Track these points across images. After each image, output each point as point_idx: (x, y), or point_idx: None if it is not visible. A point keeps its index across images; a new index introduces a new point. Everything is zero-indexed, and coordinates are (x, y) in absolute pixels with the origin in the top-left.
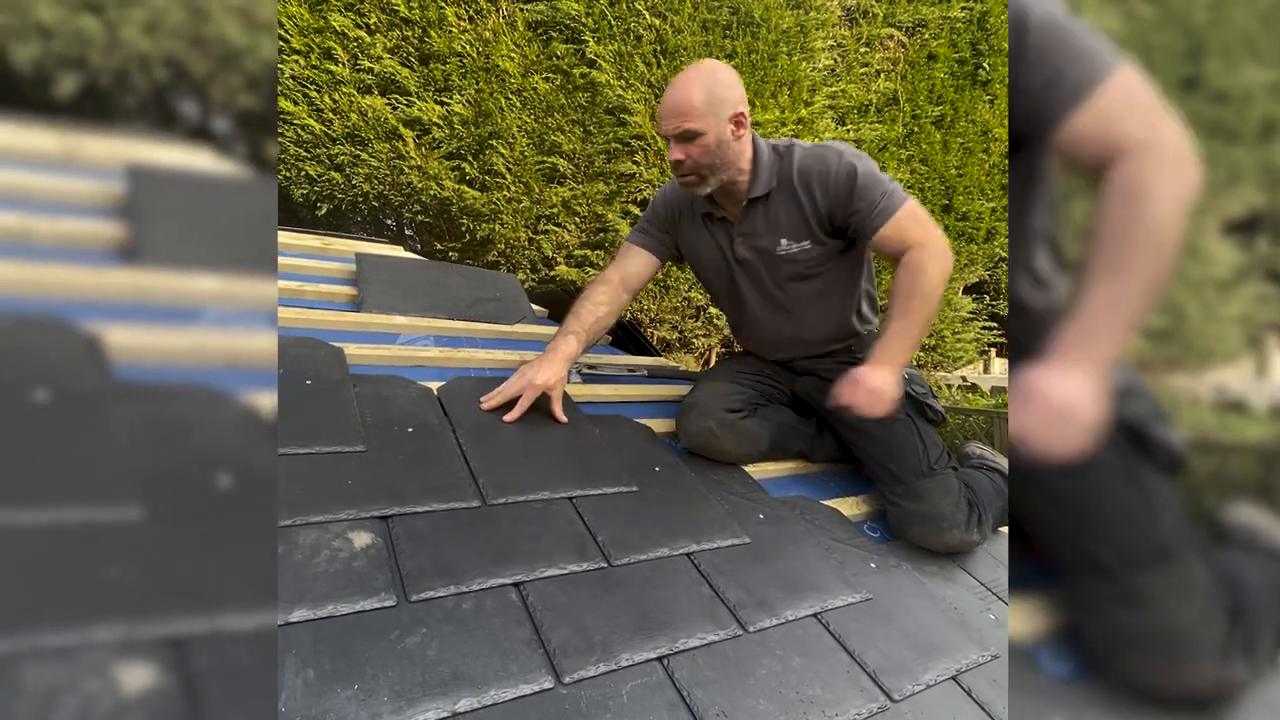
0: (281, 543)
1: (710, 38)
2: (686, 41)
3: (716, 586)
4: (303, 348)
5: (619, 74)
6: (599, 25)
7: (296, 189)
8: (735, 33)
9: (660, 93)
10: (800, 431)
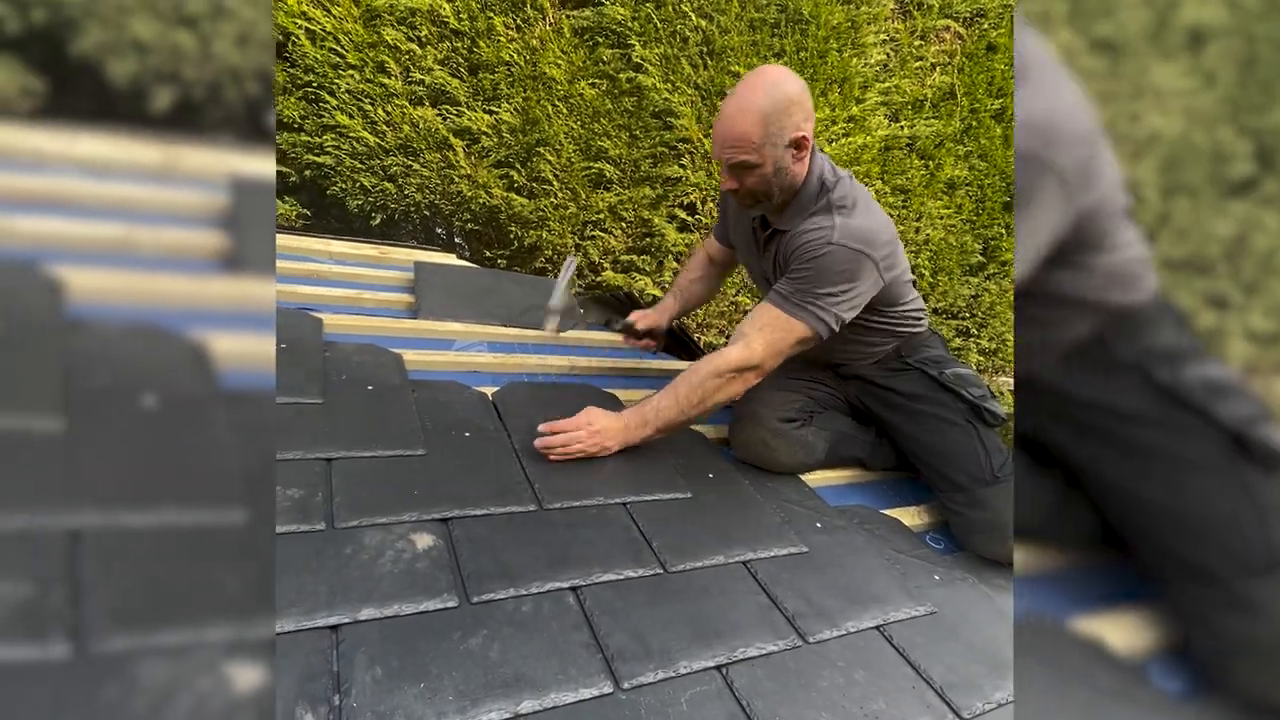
0: (348, 543)
1: (758, 37)
2: (734, 42)
3: (774, 596)
4: (364, 354)
5: (665, 77)
6: (645, 29)
7: (351, 200)
8: (784, 30)
9: (707, 94)
10: (858, 440)
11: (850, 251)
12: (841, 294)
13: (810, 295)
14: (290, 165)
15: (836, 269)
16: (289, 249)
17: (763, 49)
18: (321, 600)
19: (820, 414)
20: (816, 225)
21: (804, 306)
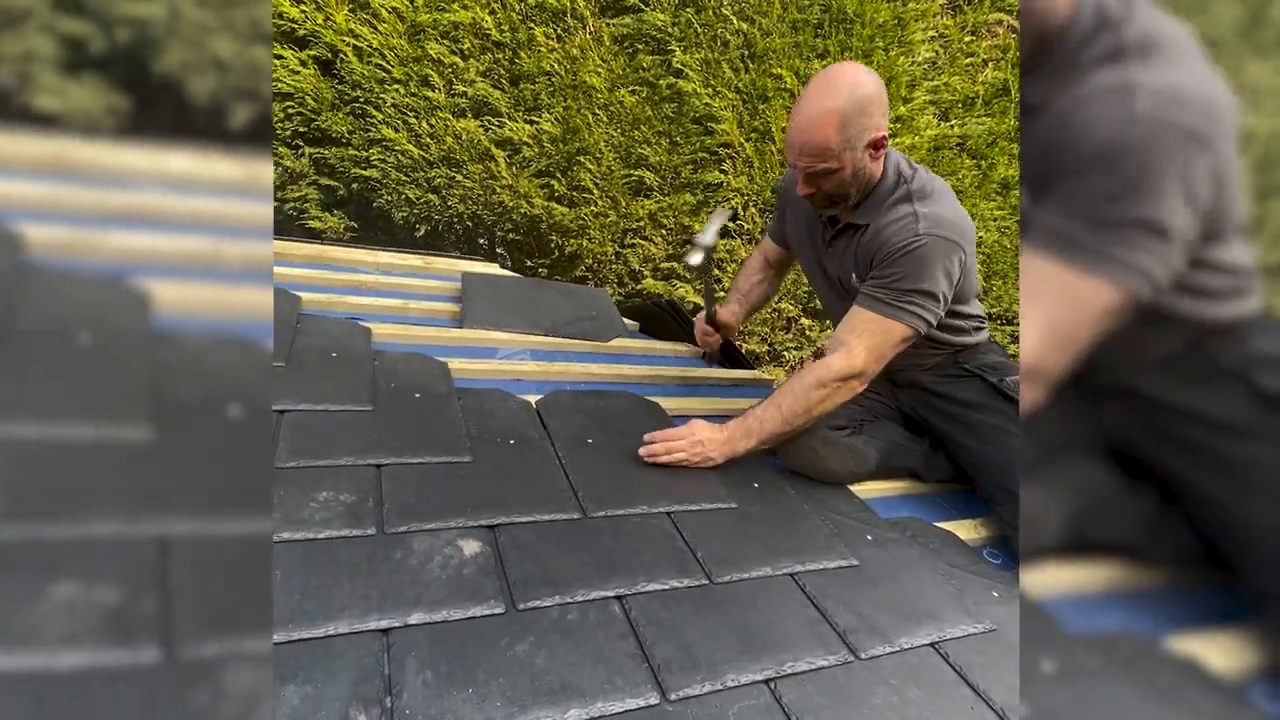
0: (398, 548)
1: (800, 38)
2: (776, 44)
3: (824, 609)
4: (411, 362)
5: (705, 82)
6: (685, 34)
7: (397, 212)
8: (827, 30)
9: (748, 98)
10: (911, 450)
11: (941, 241)
12: (937, 291)
13: (905, 293)
14: (338, 179)
15: (930, 261)
16: (338, 260)
17: (805, 50)
18: (373, 604)
19: (872, 422)
20: (900, 215)
21: (900, 306)
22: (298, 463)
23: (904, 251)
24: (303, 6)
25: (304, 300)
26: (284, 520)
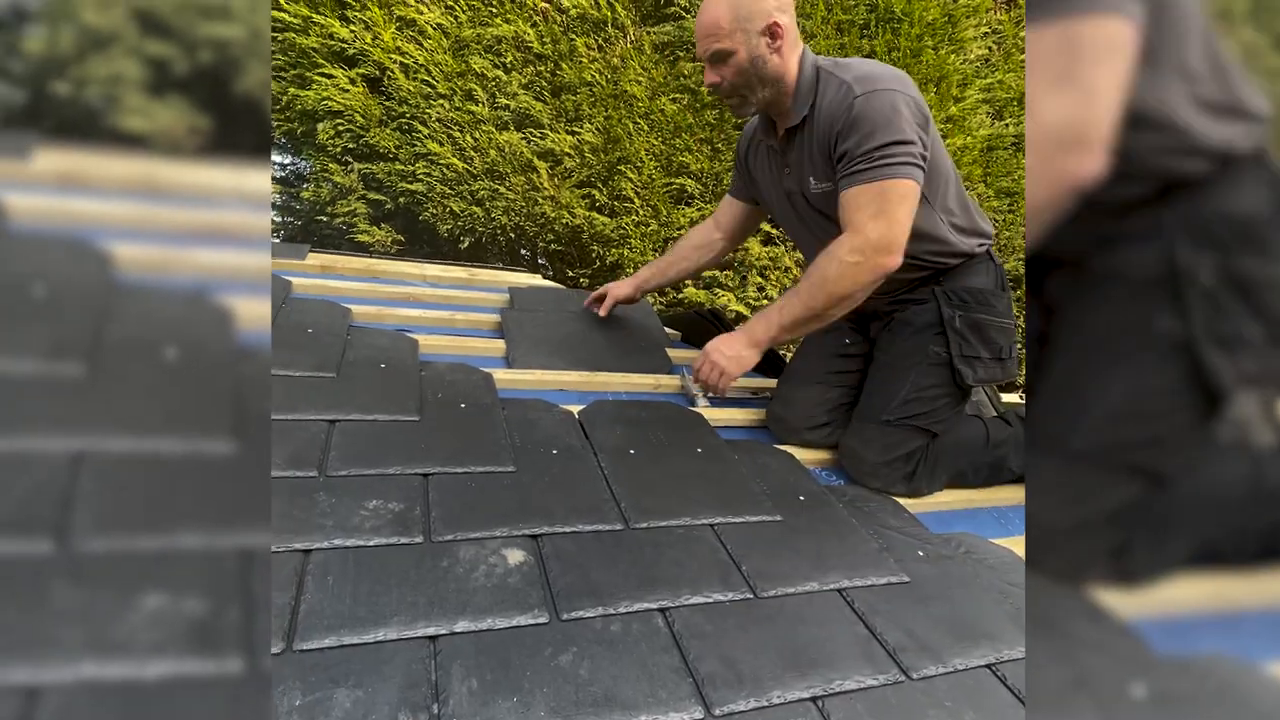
0: (444, 556)
1: (846, 39)
2: (820, 46)
3: (873, 627)
4: (457, 373)
5: None
6: None
7: (442, 225)
8: (874, 30)
9: None
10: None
11: (880, 93)
12: (906, 136)
13: (878, 154)
14: (386, 193)
15: (881, 110)
16: (387, 273)
17: (851, 51)
18: (421, 611)
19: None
20: (832, 91)
21: (881, 164)
22: (349, 471)
23: (851, 116)
24: (352, 27)
25: (354, 313)
26: (336, 527)
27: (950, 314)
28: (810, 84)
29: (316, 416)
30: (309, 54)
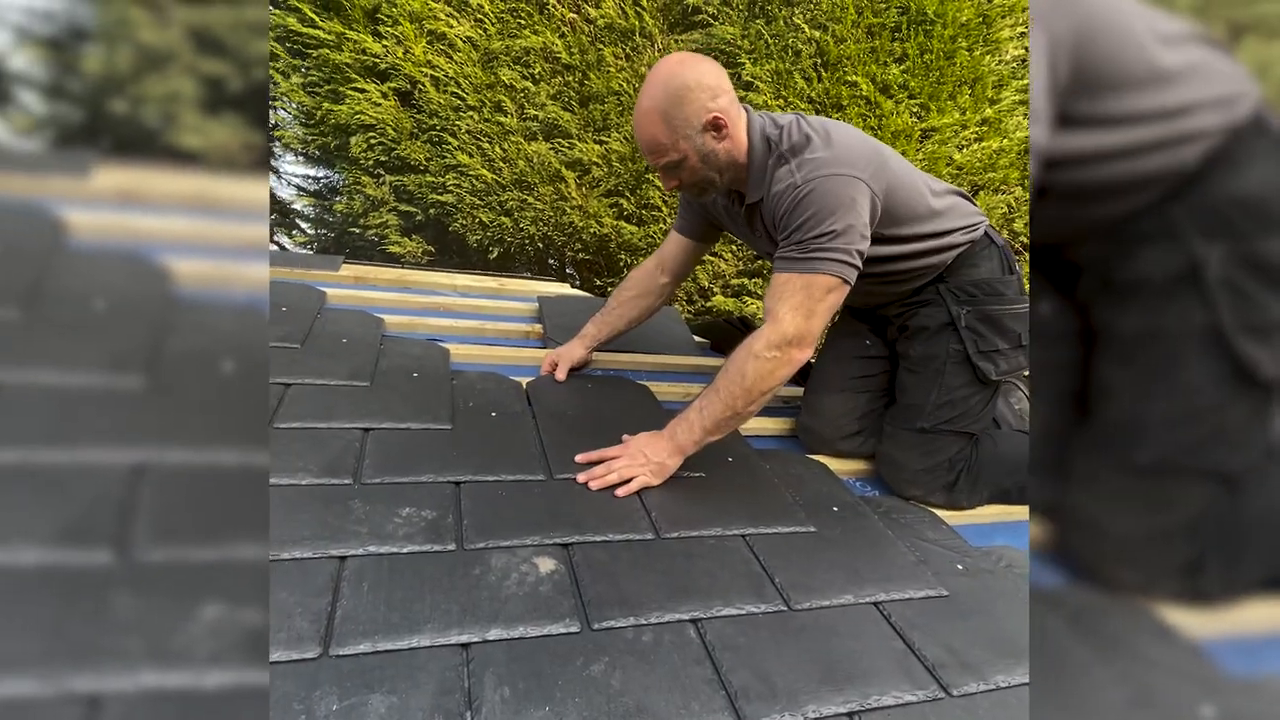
0: (476, 564)
1: (877, 43)
2: (850, 51)
3: (911, 642)
4: (487, 382)
5: (777, 93)
6: (755, 46)
7: (471, 235)
8: (905, 33)
9: (821, 107)
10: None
11: (824, 180)
12: (840, 225)
13: (811, 244)
14: (416, 205)
15: (822, 204)
16: (419, 283)
17: (882, 55)
18: (454, 618)
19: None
20: (779, 180)
21: (810, 256)
22: (382, 479)
23: (792, 205)
24: (384, 42)
25: (386, 322)
26: (371, 534)
27: (958, 312)
28: (761, 167)
29: (351, 425)
30: (342, 69)
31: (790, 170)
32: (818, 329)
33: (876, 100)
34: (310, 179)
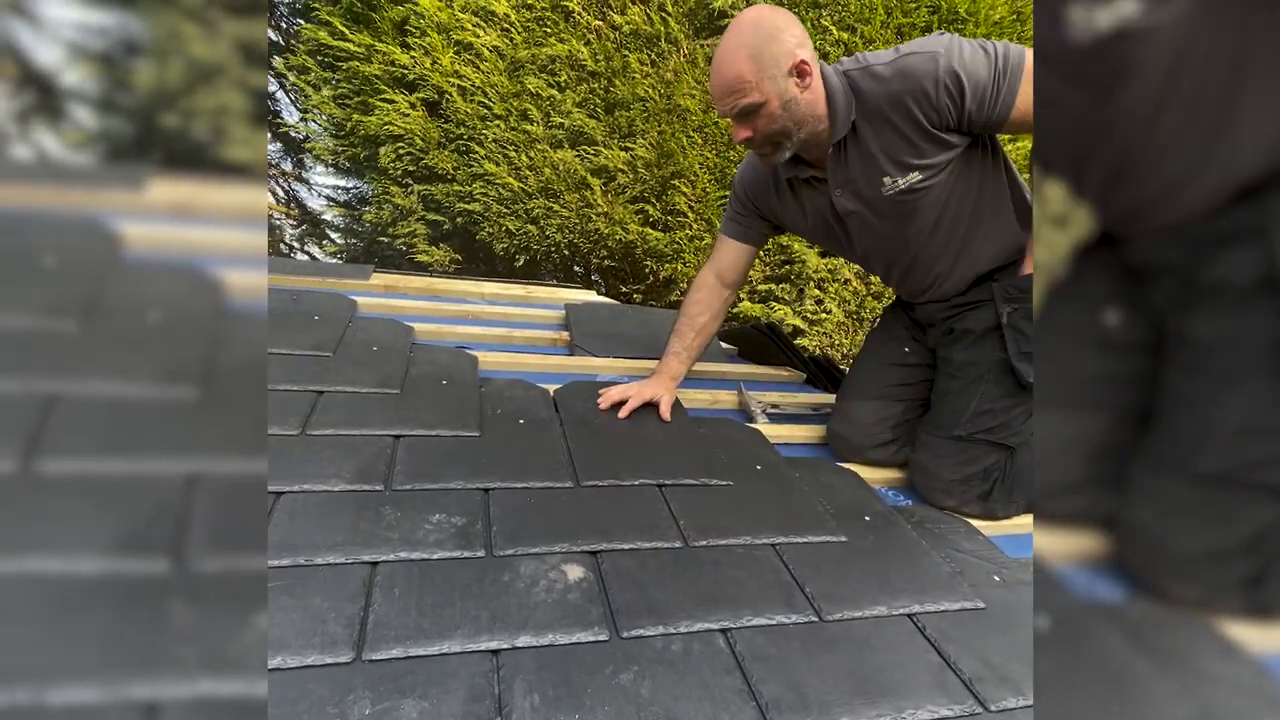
0: (505, 570)
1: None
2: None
3: (946, 655)
4: (515, 389)
5: None
6: None
7: (498, 243)
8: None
9: None
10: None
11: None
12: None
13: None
14: (444, 214)
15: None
16: (447, 291)
17: None
18: (483, 625)
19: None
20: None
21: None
22: (413, 485)
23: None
24: (412, 53)
25: (416, 330)
26: (402, 540)
27: (1004, 310)
28: (846, 97)
29: (382, 432)
30: (371, 81)
31: (876, 71)
32: None
33: None
34: (340, 189)
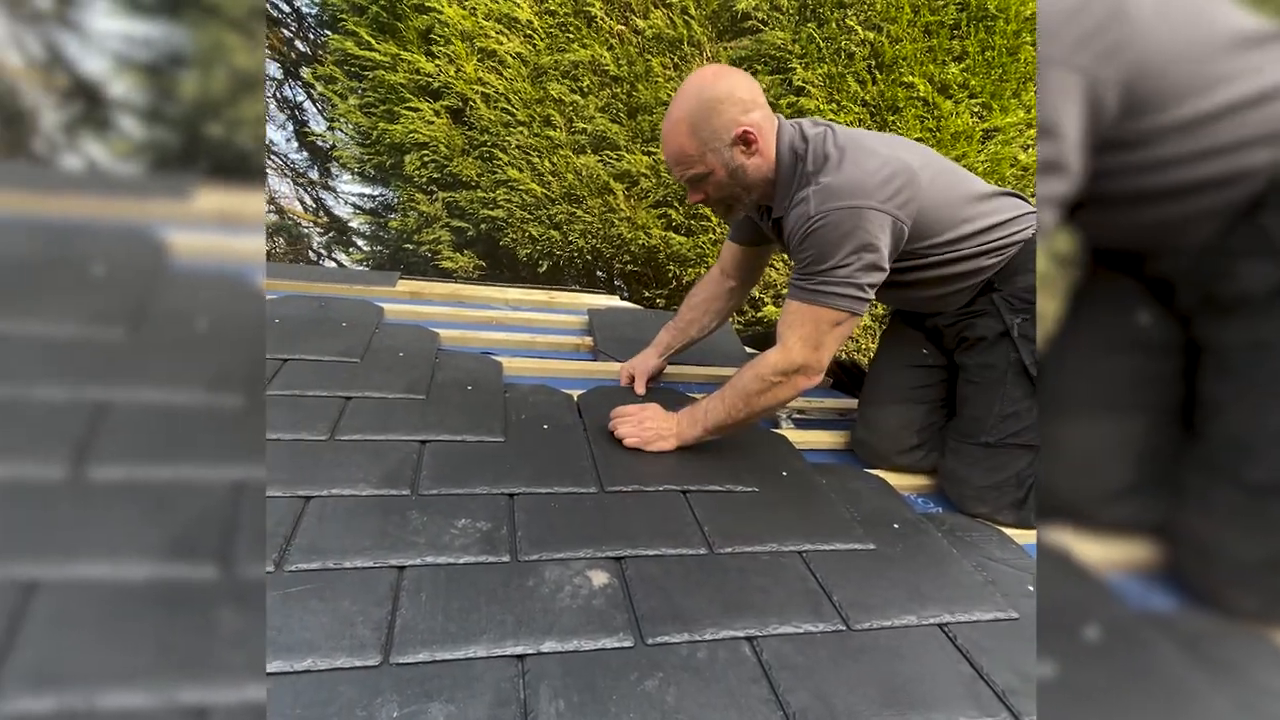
0: (530, 576)
1: (934, 41)
2: (906, 51)
3: (979, 666)
4: (539, 394)
5: (829, 98)
6: (806, 50)
7: (521, 249)
8: (965, 30)
9: (876, 110)
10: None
11: (839, 212)
12: (850, 260)
13: (819, 276)
14: (468, 220)
15: (832, 237)
16: (472, 297)
17: (940, 54)
18: (509, 630)
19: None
20: (797, 202)
21: (818, 290)
22: (439, 490)
23: (804, 235)
24: (436, 61)
25: (441, 336)
26: (428, 545)
27: (1012, 320)
28: (788, 182)
29: (409, 437)
30: (397, 89)
31: (808, 197)
32: (826, 358)
33: (934, 101)
34: (366, 197)
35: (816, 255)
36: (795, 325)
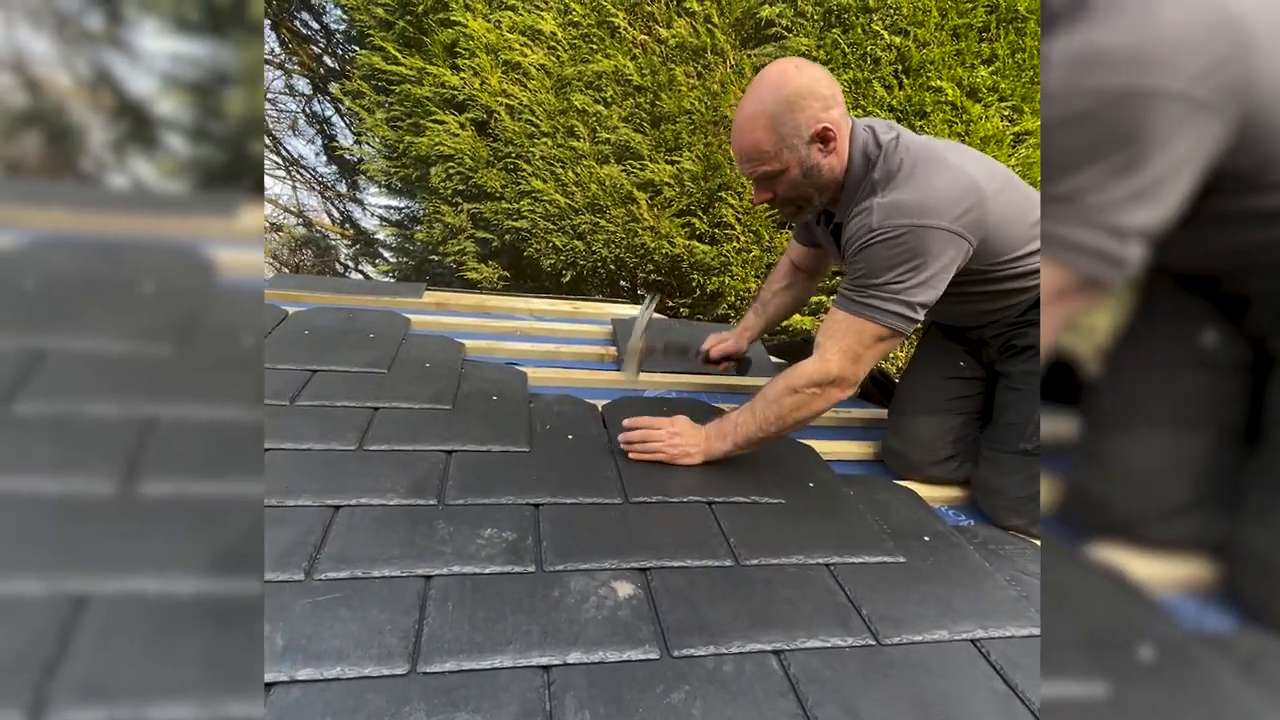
0: (555, 586)
1: (962, 45)
2: (933, 54)
3: (1014, 684)
4: (564, 404)
5: (855, 103)
6: (831, 55)
7: (545, 259)
8: (994, 33)
9: (903, 115)
10: None
11: (903, 228)
12: (906, 277)
13: (870, 289)
14: (492, 231)
15: (891, 253)
16: (497, 308)
17: (969, 57)
18: (534, 640)
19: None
20: (859, 210)
21: (866, 304)
22: (465, 500)
23: (862, 246)
24: (461, 74)
25: (467, 347)
26: (455, 555)
27: None
28: (855, 187)
29: (435, 447)
30: (423, 103)
31: (872, 207)
32: (862, 373)
33: (963, 105)
34: (392, 209)
35: (871, 268)
36: (837, 335)
